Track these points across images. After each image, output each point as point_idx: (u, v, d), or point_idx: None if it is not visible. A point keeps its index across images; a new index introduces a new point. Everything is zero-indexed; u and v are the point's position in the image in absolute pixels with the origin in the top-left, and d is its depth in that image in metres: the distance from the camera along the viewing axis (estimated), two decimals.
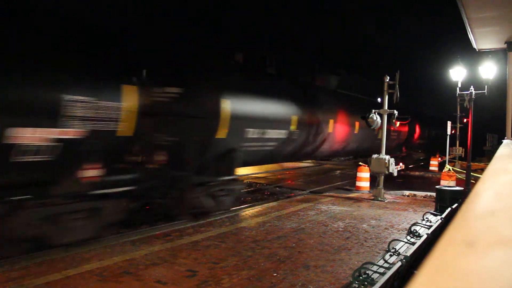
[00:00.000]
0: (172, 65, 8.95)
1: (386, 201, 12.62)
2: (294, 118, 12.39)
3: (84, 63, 6.74)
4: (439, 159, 25.14)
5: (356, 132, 17.41)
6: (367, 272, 5.15)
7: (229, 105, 9.57)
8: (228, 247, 7.09)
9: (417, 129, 29.06)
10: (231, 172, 10.12)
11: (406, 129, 25.44)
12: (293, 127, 12.34)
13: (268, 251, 6.95)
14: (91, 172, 6.76)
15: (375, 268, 5.38)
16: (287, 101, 12.37)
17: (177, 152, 8.61)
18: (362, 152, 20.20)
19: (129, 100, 7.05)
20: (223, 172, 9.86)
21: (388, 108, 13.41)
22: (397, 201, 12.87)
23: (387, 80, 13.28)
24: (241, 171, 18.15)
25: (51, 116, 5.96)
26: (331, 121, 15.17)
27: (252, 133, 10.57)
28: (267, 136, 11.24)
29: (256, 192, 14.90)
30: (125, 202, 7.55)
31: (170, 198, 8.89)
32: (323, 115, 14.59)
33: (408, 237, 7.32)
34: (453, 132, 20.80)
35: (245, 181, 17.13)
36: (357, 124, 17.06)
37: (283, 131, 11.97)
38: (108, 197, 7.16)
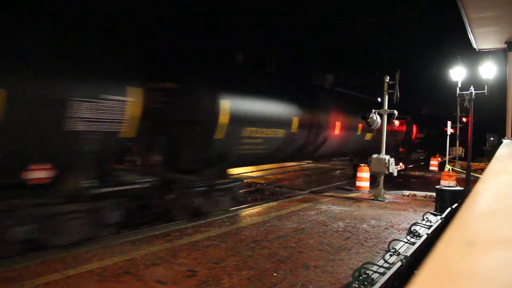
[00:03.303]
0: None
1: (386, 201, 12.62)
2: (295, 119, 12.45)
3: None
4: (439, 159, 25.12)
5: (358, 133, 17.37)
6: (367, 272, 5.15)
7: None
8: (228, 247, 7.09)
9: (415, 129, 28.96)
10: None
11: (404, 128, 25.36)
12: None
13: (268, 251, 6.95)
14: None
15: (375, 268, 5.38)
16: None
17: None
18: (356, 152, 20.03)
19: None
20: None
21: (389, 107, 13.41)
22: (397, 201, 12.87)
23: (387, 80, 13.28)
24: (241, 170, 18.18)
25: None
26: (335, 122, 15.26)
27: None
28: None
29: (256, 192, 14.89)
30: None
31: None
32: (324, 116, 14.56)
33: (408, 237, 7.32)
34: (453, 131, 20.82)
35: (245, 181, 17.13)
36: (359, 126, 16.96)
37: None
38: None
